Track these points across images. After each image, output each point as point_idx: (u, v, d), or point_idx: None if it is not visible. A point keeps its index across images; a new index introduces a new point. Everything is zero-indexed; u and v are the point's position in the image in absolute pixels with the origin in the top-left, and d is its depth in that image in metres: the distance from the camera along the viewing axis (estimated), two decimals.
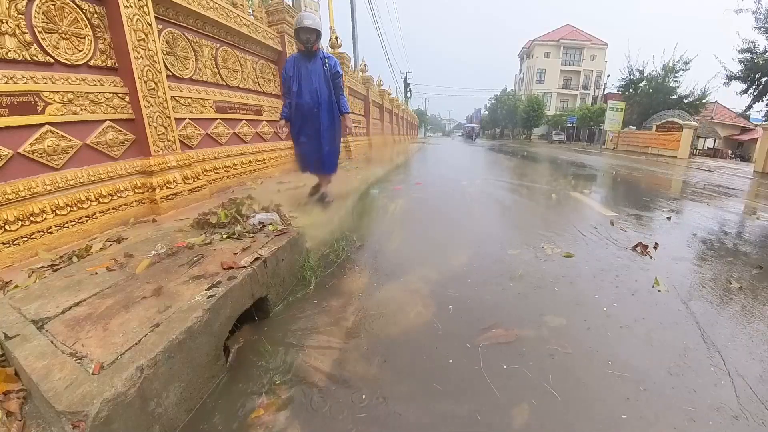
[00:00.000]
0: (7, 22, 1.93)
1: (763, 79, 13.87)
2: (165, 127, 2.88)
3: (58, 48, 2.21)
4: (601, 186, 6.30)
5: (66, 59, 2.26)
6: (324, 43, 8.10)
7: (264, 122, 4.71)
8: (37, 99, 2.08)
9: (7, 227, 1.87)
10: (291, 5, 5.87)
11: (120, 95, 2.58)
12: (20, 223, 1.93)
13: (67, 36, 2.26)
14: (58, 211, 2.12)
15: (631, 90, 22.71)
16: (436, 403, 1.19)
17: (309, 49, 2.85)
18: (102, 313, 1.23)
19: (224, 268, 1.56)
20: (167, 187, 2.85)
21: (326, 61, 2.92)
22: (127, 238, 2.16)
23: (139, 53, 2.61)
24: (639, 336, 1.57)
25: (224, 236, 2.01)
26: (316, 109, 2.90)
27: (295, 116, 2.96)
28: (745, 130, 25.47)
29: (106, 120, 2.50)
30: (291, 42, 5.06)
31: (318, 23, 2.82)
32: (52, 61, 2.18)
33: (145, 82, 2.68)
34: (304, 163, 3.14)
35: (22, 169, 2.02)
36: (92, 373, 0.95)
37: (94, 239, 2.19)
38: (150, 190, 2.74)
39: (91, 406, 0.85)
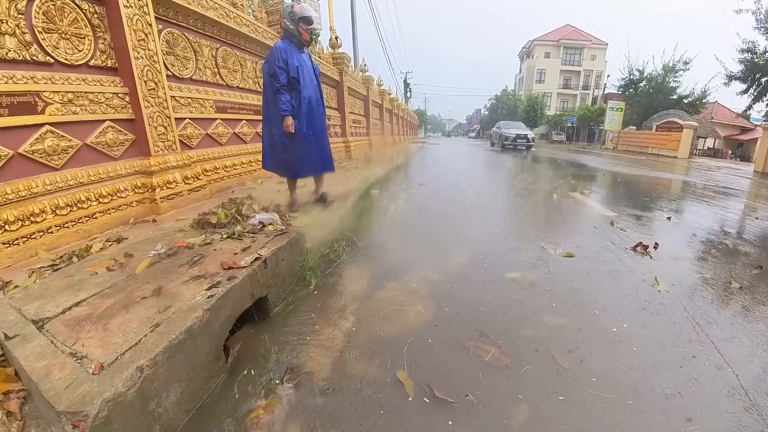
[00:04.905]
0: (7, 22, 1.94)
1: (764, 79, 13.86)
2: (165, 127, 2.89)
3: (58, 48, 2.21)
4: (601, 186, 6.29)
5: (66, 59, 2.26)
6: (324, 43, 8.15)
7: None
8: (37, 99, 2.08)
9: (7, 227, 1.87)
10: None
11: (120, 95, 2.59)
12: (20, 223, 1.93)
13: (67, 36, 2.26)
14: (58, 211, 2.12)
15: (631, 90, 22.70)
16: (437, 404, 1.19)
17: (311, 40, 2.80)
18: (102, 313, 1.23)
19: (224, 268, 1.56)
20: (167, 187, 2.85)
21: (312, 56, 2.85)
22: (127, 238, 2.16)
23: (139, 53, 2.62)
24: (635, 339, 1.57)
25: (224, 236, 2.01)
26: (318, 104, 2.85)
27: (299, 112, 2.69)
28: (745, 130, 25.45)
29: (106, 120, 2.50)
30: None
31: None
32: (52, 61, 2.19)
33: (145, 82, 2.68)
34: (307, 165, 2.86)
35: (22, 169, 2.02)
36: (92, 373, 0.95)
37: (94, 239, 2.19)
38: (150, 190, 2.74)
39: (91, 406, 0.86)
